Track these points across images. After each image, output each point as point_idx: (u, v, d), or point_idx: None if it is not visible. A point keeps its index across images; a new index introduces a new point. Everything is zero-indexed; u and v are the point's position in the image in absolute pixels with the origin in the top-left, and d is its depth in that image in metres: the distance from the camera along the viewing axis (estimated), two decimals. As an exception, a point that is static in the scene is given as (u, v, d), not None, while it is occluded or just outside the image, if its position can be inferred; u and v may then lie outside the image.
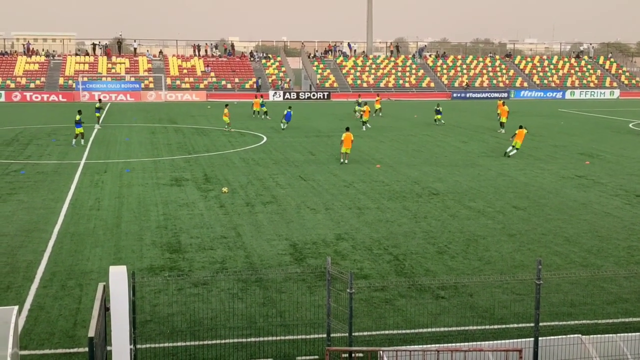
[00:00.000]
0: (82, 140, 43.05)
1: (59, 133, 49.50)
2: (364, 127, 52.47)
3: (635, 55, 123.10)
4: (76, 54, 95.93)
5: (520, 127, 40.09)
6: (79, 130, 42.82)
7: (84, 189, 29.94)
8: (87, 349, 10.78)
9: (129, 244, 21.79)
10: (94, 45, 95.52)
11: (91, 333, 10.16)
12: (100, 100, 57.94)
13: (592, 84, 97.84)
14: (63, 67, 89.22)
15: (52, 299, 17.05)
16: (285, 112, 52.82)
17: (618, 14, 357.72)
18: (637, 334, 13.30)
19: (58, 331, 15.14)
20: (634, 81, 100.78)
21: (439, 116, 57.42)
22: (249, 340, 14.77)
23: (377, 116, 61.95)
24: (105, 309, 11.87)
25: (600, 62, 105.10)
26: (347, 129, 37.42)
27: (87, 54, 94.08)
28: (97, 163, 36.65)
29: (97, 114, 53.08)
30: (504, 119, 52.39)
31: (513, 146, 39.66)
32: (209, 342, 14.56)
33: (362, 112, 55.22)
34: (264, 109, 61.26)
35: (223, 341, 14.66)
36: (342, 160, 36.84)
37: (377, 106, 63.90)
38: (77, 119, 43.07)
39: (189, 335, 14.87)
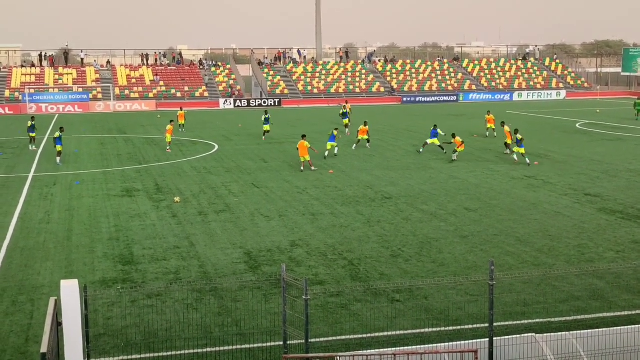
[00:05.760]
0: (59, 159, 40.03)
1: (6, 146, 48.67)
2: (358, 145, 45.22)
3: (580, 56, 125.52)
4: (22, 66, 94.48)
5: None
6: (59, 147, 39.95)
7: (33, 203, 29.47)
8: (39, 366, 10.60)
9: (80, 257, 21.49)
10: (41, 56, 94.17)
11: (44, 349, 10.00)
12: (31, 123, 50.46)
13: (539, 86, 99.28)
14: (9, 79, 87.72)
15: (2, 315, 16.73)
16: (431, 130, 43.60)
17: (562, 16, 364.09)
18: (590, 331, 13.51)
19: (10, 348, 14.86)
20: (579, 82, 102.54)
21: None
22: (205, 350, 14.67)
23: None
24: (57, 324, 11.70)
25: (547, 63, 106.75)
26: (303, 137, 36.93)
27: (33, 65, 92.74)
28: (46, 176, 36.09)
29: (32, 134, 47.03)
30: (508, 141, 41.38)
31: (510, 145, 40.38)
32: (164, 354, 14.43)
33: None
34: (267, 126, 51.06)
35: (179, 352, 14.55)
36: (302, 168, 36.50)
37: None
38: (56, 135, 40.50)
39: (144, 348, 14.72)
